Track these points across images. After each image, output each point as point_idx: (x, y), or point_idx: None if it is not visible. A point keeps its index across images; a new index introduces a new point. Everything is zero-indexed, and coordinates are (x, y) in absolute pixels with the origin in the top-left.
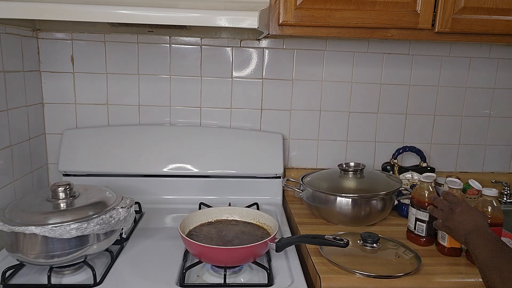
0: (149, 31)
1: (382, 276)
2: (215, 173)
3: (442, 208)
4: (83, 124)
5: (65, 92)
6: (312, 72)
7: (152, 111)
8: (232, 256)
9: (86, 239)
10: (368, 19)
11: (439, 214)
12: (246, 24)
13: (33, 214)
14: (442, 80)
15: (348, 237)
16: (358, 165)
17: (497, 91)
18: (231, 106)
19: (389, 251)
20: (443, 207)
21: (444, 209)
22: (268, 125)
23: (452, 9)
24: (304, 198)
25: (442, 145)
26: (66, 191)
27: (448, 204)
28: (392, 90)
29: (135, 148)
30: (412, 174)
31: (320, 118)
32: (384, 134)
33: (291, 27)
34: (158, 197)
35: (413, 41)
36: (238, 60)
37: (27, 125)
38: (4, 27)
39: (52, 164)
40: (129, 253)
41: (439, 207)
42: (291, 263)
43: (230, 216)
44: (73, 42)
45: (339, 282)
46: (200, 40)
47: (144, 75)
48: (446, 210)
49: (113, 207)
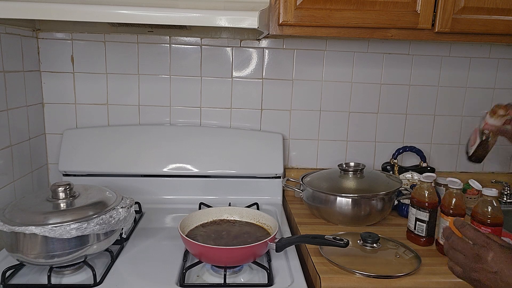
0: (149, 31)
1: (382, 276)
2: (215, 173)
3: (463, 251)
4: (83, 124)
5: (65, 92)
6: (312, 72)
7: (152, 111)
8: (232, 256)
9: (86, 239)
10: (368, 19)
11: (459, 260)
12: (246, 24)
13: (33, 214)
14: (442, 80)
15: (348, 237)
16: (358, 165)
17: (497, 91)
18: (231, 106)
19: (389, 251)
20: (464, 250)
21: (466, 254)
22: (268, 125)
23: (452, 9)
24: (304, 198)
25: (442, 145)
26: (66, 191)
27: (471, 247)
28: (392, 90)
29: (135, 148)
30: (412, 174)
31: (320, 118)
32: (384, 134)
33: (291, 27)
34: (158, 197)
35: (413, 41)
36: (238, 60)
37: (27, 125)
38: (4, 27)
39: (52, 164)
40: (129, 253)
41: (458, 249)
42: (291, 263)
43: (230, 216)
44: (73, 42)
45: (339, 282)
46: (200, 40)
47: (144, 75)
48: (469, 255)
49: (113, 207)
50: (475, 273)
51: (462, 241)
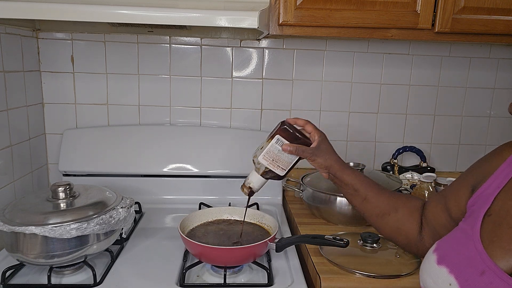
0: (149, 31)
1: (382, 276)
2: (215, 173)
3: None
4: (83, 124)
5: (65, 92)
6: (312, 72)
7: (152, 111)
8: (232, 256)
9: (86, 239)
10: (368, 19)
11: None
12: (246, 24)
13: (33, 214)
14: (442, 80)
15: (348, 237)
16: (358, 165)
17: (497, 91)
18: (231, 106)
19: (389, 251)
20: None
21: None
22: (268, 125)
23: (452, 9)
24: (304, 198)
25: (442, 145)
26: (66, 191)
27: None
28: (392, 90)
29: (135, 148)
30: (412, 174)
31: (320, 118)
32: (384, 134)
33: (291, 27)
34: (158, 197)
35: (413, 41)
36: (238, 60)
37: (27, 125)
38: (4, 27)
39: (52, 164)
40: (129, 253)
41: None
42: (291, 263)
43: (230, 216)
44: (73, 42)
45: (339, 282)
46: (200, 40)
47: (144, 75)
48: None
49: (113, 207)
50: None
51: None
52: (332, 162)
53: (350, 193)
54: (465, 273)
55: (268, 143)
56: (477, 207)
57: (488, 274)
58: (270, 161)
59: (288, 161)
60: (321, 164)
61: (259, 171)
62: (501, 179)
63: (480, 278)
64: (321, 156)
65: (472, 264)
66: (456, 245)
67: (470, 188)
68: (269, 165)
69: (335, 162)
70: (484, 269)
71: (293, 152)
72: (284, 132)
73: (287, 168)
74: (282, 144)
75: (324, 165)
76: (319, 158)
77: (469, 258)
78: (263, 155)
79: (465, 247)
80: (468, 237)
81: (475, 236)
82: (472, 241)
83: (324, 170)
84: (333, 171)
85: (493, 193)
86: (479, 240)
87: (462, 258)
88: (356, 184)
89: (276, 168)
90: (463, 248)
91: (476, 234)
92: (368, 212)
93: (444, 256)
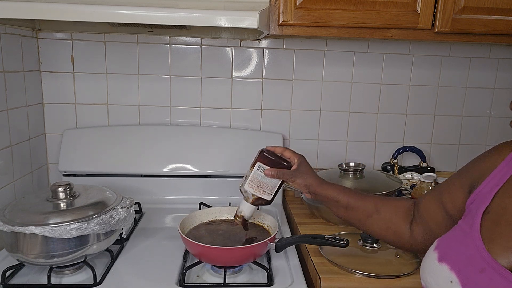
0: (149, 31)
1: (382, 276)
2: (215, 173)
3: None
4: (83, 124)
5: (65, 92)
6: (312, 72)
7: (152, 111)
8: (232, 256)
9: (86, 239)
10: (368, 19)
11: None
12: (246, 24)
13: (33, 214)
14: (442, 80)
15: (348, 237)
16: (358, 165)
17: (497, 91)
18: (231, 106)
19: (389, 251)
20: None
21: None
22: (268, 125)
23: (452, 9)
24: (304, 198)
25: (442, 145)
26: (66, 191)
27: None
28: (392, 90)
29: (135, 148)
30: (412, 174)
31: (320, 118)
32: (384, 134)
33: (291, 27)
34: (158, 197)
35: (413, 41)
36: (238, 60)
37: (27, 125)
38: (4, 27)
39: (52, 164)
40: (129, 253)
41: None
42: (291, 263)
43: (230, 216)
44: (73, 42)
45: (339, 282)
46: (200, 40)
47: (144, 75)
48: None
49: (113, 207)
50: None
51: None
52: (311, 181)
53: (333, 205)
54: (466, 270)
55: (251, 171)
56: (475, 205)
57: (488, 271)
58: (256, 188)
59: (272, 185)
60: (300, 184)
61: (248, 200)
62: (499, 177)
63: (481, 275)
64: (300, 177)
65: (472, 261)
66: (456, 243)
67: (467, 186)
68: (255, 192)
69: (313, 181)
70: (484, 266)
71: (274, 176)
72: (264, 158)
73: (272, 192)
74: (264, 170)
75: (303, 184)
76: (298, 178)
77: (469, 256)
78: (248, 183)
79: (465, 245)
80: (468, 235)
81: (475, 234)
82: (471, 239)
83: (304, 190)
84: (312, 189)
85: (492, 191)
86: (479, 237)
87: (463, 255)
88: (336, 196)
89: (262, 194)
90: (463, 246)
91: (475, 232)
92: (353, 219)
93: (445, 253)
